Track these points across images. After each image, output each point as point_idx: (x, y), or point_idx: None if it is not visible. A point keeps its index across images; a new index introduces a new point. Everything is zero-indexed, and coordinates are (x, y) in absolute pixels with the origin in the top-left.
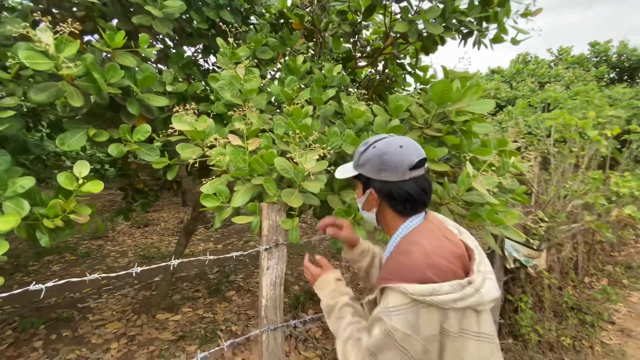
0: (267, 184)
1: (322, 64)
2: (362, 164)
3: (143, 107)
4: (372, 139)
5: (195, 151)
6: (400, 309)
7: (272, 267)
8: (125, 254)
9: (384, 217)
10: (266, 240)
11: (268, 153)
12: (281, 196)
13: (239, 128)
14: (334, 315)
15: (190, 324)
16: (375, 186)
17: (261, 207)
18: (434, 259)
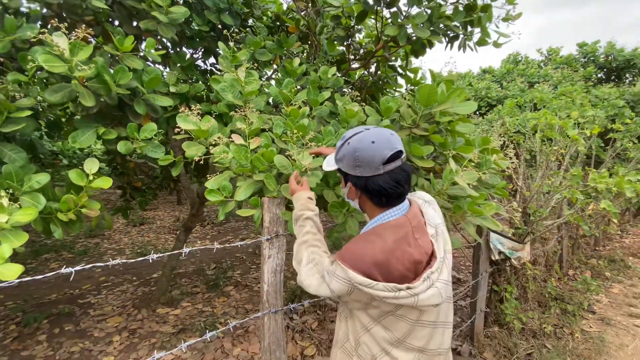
0: (268, 180)
1: (317, 65)
2: (340, 159)
3: (149, 107)
4: (348, 134)
5: (200, 149)
6: (340, 280)
7: (273, 256)
8: (122, 252)
9: (365, 206)
10: (267, 231)
11: (268, 151)
12: (281, 191)
13: (241, 128)
14: (299, 223)
15: (190, 318)
16: (352, 180)
17: (262, 201)
18: (388, 258)
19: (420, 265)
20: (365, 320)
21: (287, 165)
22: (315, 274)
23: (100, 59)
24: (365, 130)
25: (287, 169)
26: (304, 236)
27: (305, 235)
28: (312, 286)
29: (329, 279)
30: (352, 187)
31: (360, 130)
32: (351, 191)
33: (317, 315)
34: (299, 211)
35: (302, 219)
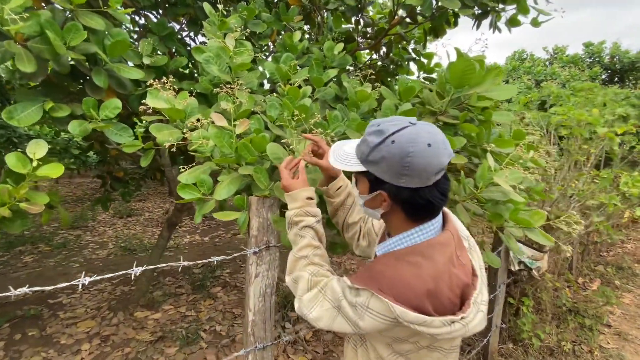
0: (258, 175)
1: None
2: (374, 161)
3: (113, 80)
4: (387, 127)
5: (174, 133)
6: (378, 317)
7: (262, 275)
8: (105, 245)
9: (392, 219)
10: (255, 241)
11: (259, 137)
12: (273, 190)
13: (226, 108)
14: (295, 230)
15: (171, 323)
16: (390, 191)
17: (250, 201)
18: (439, 285)
19: (467, 288)
20: (385, 353)
21: (283, 157)
22: (323, 303)
23: (46, 12)
24: (411, 125)
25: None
26: (303, 250)
27: (305, 250)
28: (321, 320)
29: (357, 315)
30: (384, 197)
31: (404, 124)
32: (377, 201)
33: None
34: (296, 216)
35: (299, 226)
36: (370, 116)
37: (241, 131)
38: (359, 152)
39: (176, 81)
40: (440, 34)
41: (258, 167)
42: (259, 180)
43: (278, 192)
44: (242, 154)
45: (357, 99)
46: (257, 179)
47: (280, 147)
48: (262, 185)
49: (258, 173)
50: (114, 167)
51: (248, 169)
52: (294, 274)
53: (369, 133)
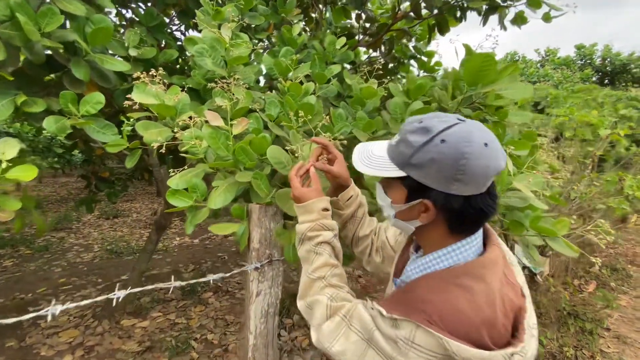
0: (257, 181)
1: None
2: (419, 164)
3: (95, 72)
4: (434, 123)
5: (163, 132)
6: (427, 355)
7: (264, 293)
8: (90, 248)
9: (428, 231)
10: (256, 255)
11: (259, 139)
12: (275, 198)
13: (221, 105)
14: (308, 246)
15: (159, 332)
16: (437, 200)
17: (250, 210)
18: (495, 312)
19: (520, 312)
20: None
21: (285, 162)
22: (349, 334)
23: None
24: (460, 122)
25: (285, 167)
26: (319, 270)
27: (321, 270)
28: (346, 354)
29: (398, 351)
30: (425, 208)
31: (452, 120)
32: (414, 211)
33: (307, 330)
34: (311, 231)
35: (314, 242)
36: (377, 115)
37: (239, 131)
38: (397, 154)
39: (166, 75)
40: (444, 30)
41: (258, 173)
42: (258, 188)
43: (280, 200)
44: (240, 158)
45: (363, 96)
46: (256, 185)
47: (282, 151)
48: (263, 192)
49: (258, 179)
50: (99, 167)
51: (246, 175)
52: (309, 298)
53: (409, 131)
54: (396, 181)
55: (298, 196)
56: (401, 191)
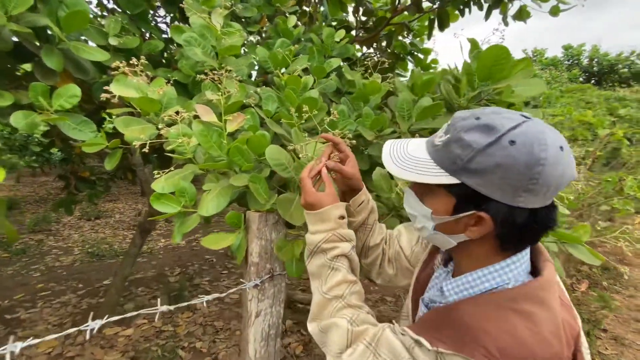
0: (256, 185)
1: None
2: (480, 170)
3: (71, 62)
4: (499, 120)
5: (146, 130)
6: None
7: (265, 312)
8: (70, 251)
9: (472, 247)
10: (256, 271)
11: (257, 137)
12: (276, 205)
13: (213, 100)
14: (322, 259)
15: (144, 341)
16: (497, 213)
17: (249, 219)
18: (562, 345)
19: (578, 338)
20: None
21: (287, 163)
22: None
23: None
24: (527, 119)
25: (286, 169)
26: (336, 288)
27: (339, 288)
28: None
29: None
30: (481, 220)
31: (518, 118)
32: (461, 225)
33: (301, 336)
34: (327, 242)
35: (330, 255)
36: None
37: (234, 129)
38: (446, 157)
39: (150, 67)
40: (444, 24)
41: (256, 176)
42: (257, 193)
43: (282, 207)
44: (235, 159)
45: (367, 92)
46: (254, 190)
47: (282, 151)
48: (262, 198)
49: (256, 183)
50: (79, 166)
51: (242, 178)
52: (324, 321)
53: (465, 129)
54: (440, 188)
55: (312, 202)
56: (447, 200)
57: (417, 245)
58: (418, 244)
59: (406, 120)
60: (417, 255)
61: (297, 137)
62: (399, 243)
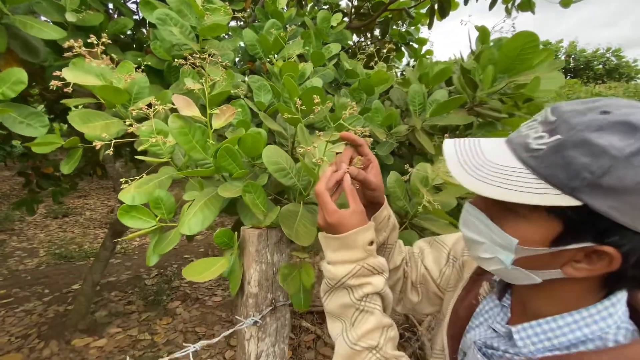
0: (252, 196)
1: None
2: (620, 188)
3: (17, 41)
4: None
5: (111, 126)
6: None
7: (267, 354)
8: (35, 253)
9: (562, 286)
10: (255, 304)
11: (252, 136)
12: (278, 220)
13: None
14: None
15: (119, 352)
16: (635, 250)
17: (244, 238)
18: None
19: None
20: None
21: (288, 168)
22: None
23: None
24: None
25: (288, 175)
26: (370, 336)
27: (372, 335)
28: None
29: None
30: (603, 256)
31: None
32: (560, 259)
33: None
34: (353, 278)
35: (360, 294)
36: None
37: (222, 125)
38: (562, 166)
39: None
40: (446, 11)
41: (251, 184)
42: (254, 205)
43: (286, 223)
44: (224, 164)
45: (372, 82)
46: (251, 202)
47: (282, 152)
48: (259, 211)
49: (252, 193)
50: (40, 162)
51: (233, 187)
52: None
53: (594, 128)
54: (537, 210)
55: (334, 223)
56: (546, 227)
57: (448, 266)
58: (448, 264)
59: (418, 116)
60: (447, 278)
61: (304, 136)
62: (423, 264)
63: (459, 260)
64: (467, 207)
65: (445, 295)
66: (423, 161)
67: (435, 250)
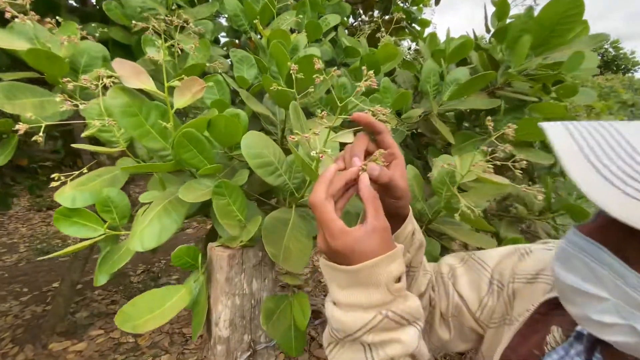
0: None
1: None
2: None
3: None
4: None
5: (47, 104)
6: None
7: None
8: (15, 248)
9: None
10: (225, 351)
11: (226, 118)
12: (263, 238)
13: (159, 60)
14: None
15: (100, 356)
16: None
17: (211, 258)
18: None
19: None
20: None
21: (276, 162)
22: None
23: None
24: None
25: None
26: None
27: None
28: None
29: None
30: None
31: None
32: None
33: None
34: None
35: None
36: None
37: (186, 103)
38: None
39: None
40: None
41: (225, 183)
42: (225, 214)
43: (270, 240)
44: (186, 156)
45: (378, 58)
46: (221, 210)
47: (267, 140)
48: (234, 224)
49: (225, 196)
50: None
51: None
52: None
53: None
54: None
55: (342, 249)
56: None
57: (490, 295)
58: (491, 292)
59: (433, 98)
60: (491, 311)
61: (299, 120)
62: (456, 289)
63: (508, 287)
64: (573, 237)
65: (486, 331)
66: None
67: (472, 271)
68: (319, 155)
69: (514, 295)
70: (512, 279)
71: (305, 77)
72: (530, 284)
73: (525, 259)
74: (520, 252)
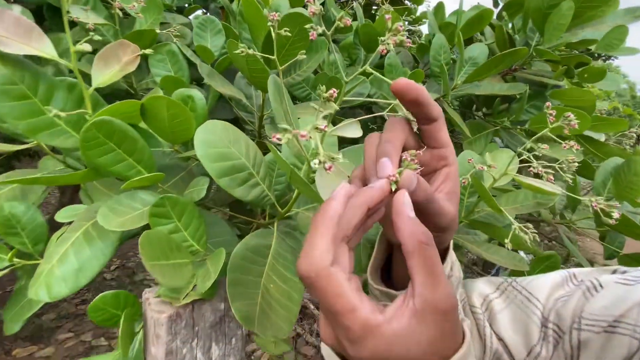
0: (168, 224)
1: None
2: None
3: None
4: None
5: None
6: None
7: None
8: None
9: None
10: None
11: (171, 101)
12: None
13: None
14: None
15: None
16: None
17: (147, 320)
18: None
19: None
20: None
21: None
22: None
23: None
24: None
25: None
26: None
27: None
28: None
29: None
30: None
31: None
32: None
33: None
34: None
35: None
36: None
37: (112, 79)
38: None
39: None
40: None
41: (169, 199)
42: (164, 248)
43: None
44: (102, 162)
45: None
46: (158, 241)
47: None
48: (181, 262)
49: (168, 215)
50: None
51: (129, 208)
52: None
53: None
54: None
55: (366, 358)
56: None
57: (544, 343)
58: (546, 339)
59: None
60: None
61: (281, 103)
62: (494, 331)
63: (571, 335)
64: None
65: None
66: None
67: (515, 305)
68: (323, 164)
69: (581, 346)
70: (576, 324)
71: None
72: (607, 334)
73: (595, 297)
74: (584, 284)
